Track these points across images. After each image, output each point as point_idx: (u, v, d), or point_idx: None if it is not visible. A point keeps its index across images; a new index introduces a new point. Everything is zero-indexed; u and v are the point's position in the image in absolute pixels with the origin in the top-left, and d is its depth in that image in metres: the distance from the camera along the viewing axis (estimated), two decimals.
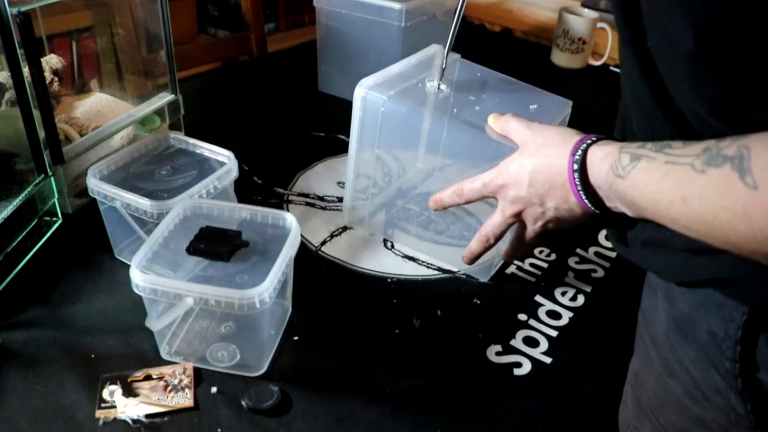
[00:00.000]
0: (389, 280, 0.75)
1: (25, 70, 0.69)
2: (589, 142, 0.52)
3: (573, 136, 0.55)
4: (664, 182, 0.39)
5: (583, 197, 0.52)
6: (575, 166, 0.52)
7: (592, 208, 0.52)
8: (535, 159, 0.58)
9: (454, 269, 0.77)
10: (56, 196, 0.77)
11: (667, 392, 0.47)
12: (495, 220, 0.65)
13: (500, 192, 0.62)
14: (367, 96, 0.72)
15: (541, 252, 0.80)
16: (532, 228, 0.63)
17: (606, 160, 0.48)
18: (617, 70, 1.35)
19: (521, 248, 0.67)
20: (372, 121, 0.73)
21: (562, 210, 0.57)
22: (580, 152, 0.52)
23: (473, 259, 0.70)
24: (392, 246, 0.80)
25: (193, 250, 0.61)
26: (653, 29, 0.39)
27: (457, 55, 0.82)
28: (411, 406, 0.59)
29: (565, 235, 0.83)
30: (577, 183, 0.52)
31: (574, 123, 1.03)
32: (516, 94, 0.81)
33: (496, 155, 0.64)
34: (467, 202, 0.66)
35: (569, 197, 0.55)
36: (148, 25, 0.97)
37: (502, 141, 0.65)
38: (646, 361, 0.50)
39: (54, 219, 0.79)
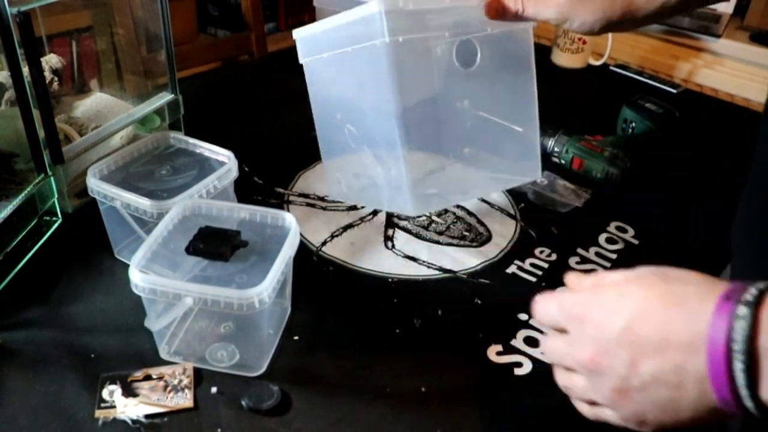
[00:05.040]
0: (390, 280, 0.74)
1: (25, 70, 0.69)
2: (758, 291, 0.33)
3: (711, 283, 0.36)
4: None
5: (741, 380, 0.32)
6: (740, 324, 0.33)
7: (744, 401, 0.33)
8: (648, 291, 0.37)
9: (455, 269, 0.77)
10: (56, 196, 0.77)
11: None
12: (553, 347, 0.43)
13: (573, 324, 0.41)
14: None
15: (541, 252, 0.80)
16: (590, 407, 0.41)
17: None
18: (617, 70, 1.35)
19: None
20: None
21: (661, 386, 0.36)
22: (747, 302, 0.33)
23: None
24: (392, 246, 0.80)
25: (192, 250, 0.61)
26: None
27: None
28: (411, 406, 0.59)
29: (565, 241, 0.83)
30: (738, 354, 0.32)
31: (574, 123, 1.03)
32: None
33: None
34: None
35: (693, 370, 0.34)
36: (148, 25, 0.97)
37: None
38: None
39: (54, 219, 0.79)
